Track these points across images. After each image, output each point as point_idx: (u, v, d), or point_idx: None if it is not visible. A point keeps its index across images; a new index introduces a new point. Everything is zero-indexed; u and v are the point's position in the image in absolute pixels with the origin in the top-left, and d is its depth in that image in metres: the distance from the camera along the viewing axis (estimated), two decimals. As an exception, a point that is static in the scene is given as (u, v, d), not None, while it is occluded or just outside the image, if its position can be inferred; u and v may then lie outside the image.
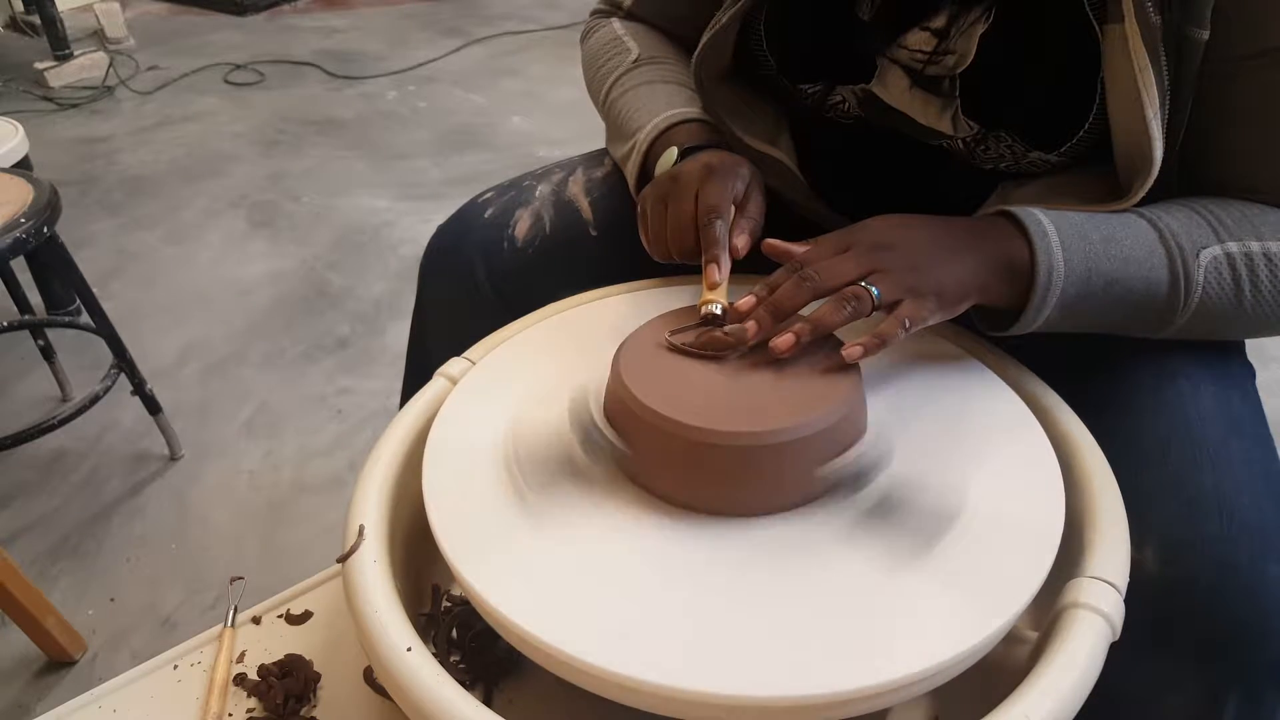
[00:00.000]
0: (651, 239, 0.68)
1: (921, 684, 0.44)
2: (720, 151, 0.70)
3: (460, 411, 0.61)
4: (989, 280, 0.57)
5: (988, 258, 0.57)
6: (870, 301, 0.54)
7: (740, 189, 0.66)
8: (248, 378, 1.73)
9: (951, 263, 0.56)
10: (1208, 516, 0.54)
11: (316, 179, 2.49)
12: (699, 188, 0.65)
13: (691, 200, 0.65)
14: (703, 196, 0.64)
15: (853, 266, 0.55)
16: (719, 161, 0.66)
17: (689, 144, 0.71)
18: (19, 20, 3.57)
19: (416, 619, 0.51)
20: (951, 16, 0.61)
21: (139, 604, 1.27)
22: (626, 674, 0.43)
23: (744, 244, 0.63)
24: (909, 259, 0.56)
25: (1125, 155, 0.59)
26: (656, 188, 0.68)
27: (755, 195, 0.67)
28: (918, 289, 0.55)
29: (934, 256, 0.56)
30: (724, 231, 0.63)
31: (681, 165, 0.68)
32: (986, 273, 0.57)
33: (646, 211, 0.68)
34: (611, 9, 0.88)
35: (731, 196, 0.65)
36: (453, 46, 3.44)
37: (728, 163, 0.66)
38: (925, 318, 0.55)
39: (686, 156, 0.70)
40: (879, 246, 0.56)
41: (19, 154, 1.56)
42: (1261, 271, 0.57)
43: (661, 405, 0.51)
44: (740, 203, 0.66)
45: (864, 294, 0.54)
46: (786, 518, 0.51)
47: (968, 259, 0.57)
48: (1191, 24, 0.54)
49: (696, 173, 0.66)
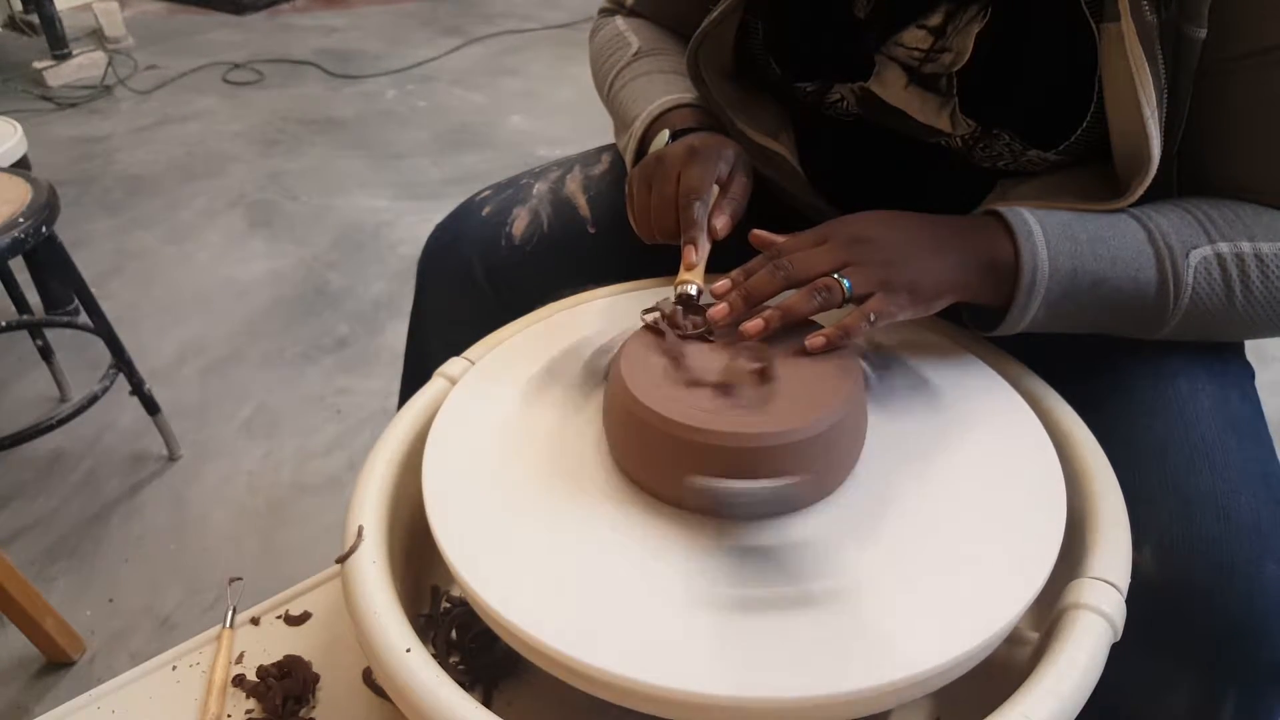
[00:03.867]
0: (637, 219, 0.69)
1: (923, 685, 0.44)
2: (706, 134, 0.70)
3: (460, 411, 0.61)
4: (970, 279, 0.57)
5: (969, 256, 0.57)
6: (841, 293, 0.55)
7: (724, 170, 0.66)
8: (246, 378, 1.72)
9: (929, 260, 0.57)
10: (1206, 517, 0.54)
11: (315, 178, 2.48)
12: (681, 169, 0.65)
13: (674, 182, 0.65)
14: (684, 178, 0.65)
15: (827, 258, 0.56)
16: (702, 143, 0.66)
17: (681, 127, 0.72)
18: (17, 19, 3.57)
19: (416, 620, 0.51)
20: (948, 14, 0.61)
21: (138, 605, 1.27)
22: (626, 675, 0.43)
23: (723, 225, 0.64)
24: (885, 254, 0.56)
25: (1123, 154, 0.59)
26: (642, 169, 0.69)
27: (739, 177, 0.67)
28: (890, 284, 0.56)
29: (911, 253, 0.57)
30: (703, 213, 0.63)
31: (667, 147, 0.69)
32: (967, 271, 0.57)
33: (633, 192, 0.69)
34: (616, 7, 0.89)
35: (713, 178, 0.65)
36: (452, 45, 3.43)
37: (711, 144, 0.67)
38: (894, 313, 0.56)
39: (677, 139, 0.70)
40: (856, 240, 0.57)
41: (17, 153, 1.56)
42: (1253, 272, 0.57)
43: (662, 406, 0.51)
44: (724, 184, 0.66)
45: (835, 285, 0.55)
46: (787, 518, 0.51)
47: (948, 257, 0.57)
48: (1188, 23, 0.54)
49: (680, 154, 0.66)
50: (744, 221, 0.64)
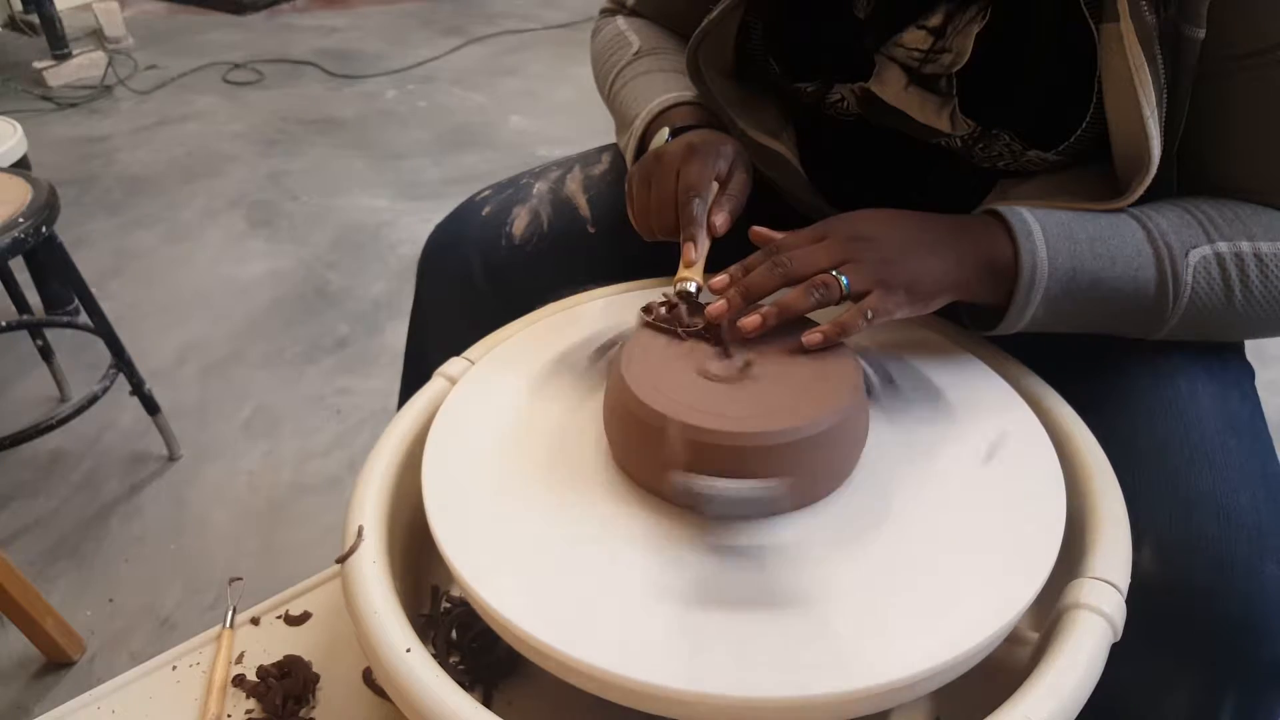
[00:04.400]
0: (636, 217, 0.69)
1: (923, 685, 0.44)
2: (705, 131, 0.70)
3: (459, 411, 0.61)
4: (968, 278, 0.57)
5: (968, 255, 0.57)
6: (838, 290, 0.55)
7: (723, 167, 0.66)
8: (246, 378, 1.72)
9: (928, 258, 0.57)
10: (1205, 517, 0.54)
11: (315, 178, 2.48)
12: (680, 167, 0.65)
13: (673, 179, 0.65)
14: (683, 175, 0.65)
15: (826, 255, 0.56)
16: (701, 141, 0.67)
17: (681, 125, 0.72)
18: (17, 19, 3.57)
19: (416, 620, 0.51)
20: (948, 15, 0.61)
21: (138, 605, 1.27)
22: (625, 675, 0.43)
23: (722, 221, 0.64)
24: (883, 251, 0.56)
25: (1123, 154, 0.59)
26: (641, 167, 0.69)
27: (739, 173, 0.67)
28: (888, 281, 0.56)
29: (910, 251, 0.57)
30: (702, 210, 0.63)
31: (665, 145, 0.69)
32: (965, 270, 0.57)
33: (633, 190, 0.69)
34: (617, 7, 0.89)
35: (712, 175, 0.65)
36: (452, 45, 3.43)
37: (710, 141, 0.67)
38: (891, 310, 0.56)
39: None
40: (855, 237, 0.57)
41: (17, 153, 1.56)
42: (1252, 271, 0.57)
43: (662, 406, 0.51)
44: (723, 181, 0.66)
45: (833, 282, 0.55)
46: (789, 518, 0.51)
47: (947, 255, 0.57)
48: (1187, 23, 0.54)
49: (679, 152, 0.66)
50: (743, 219, 0.64)
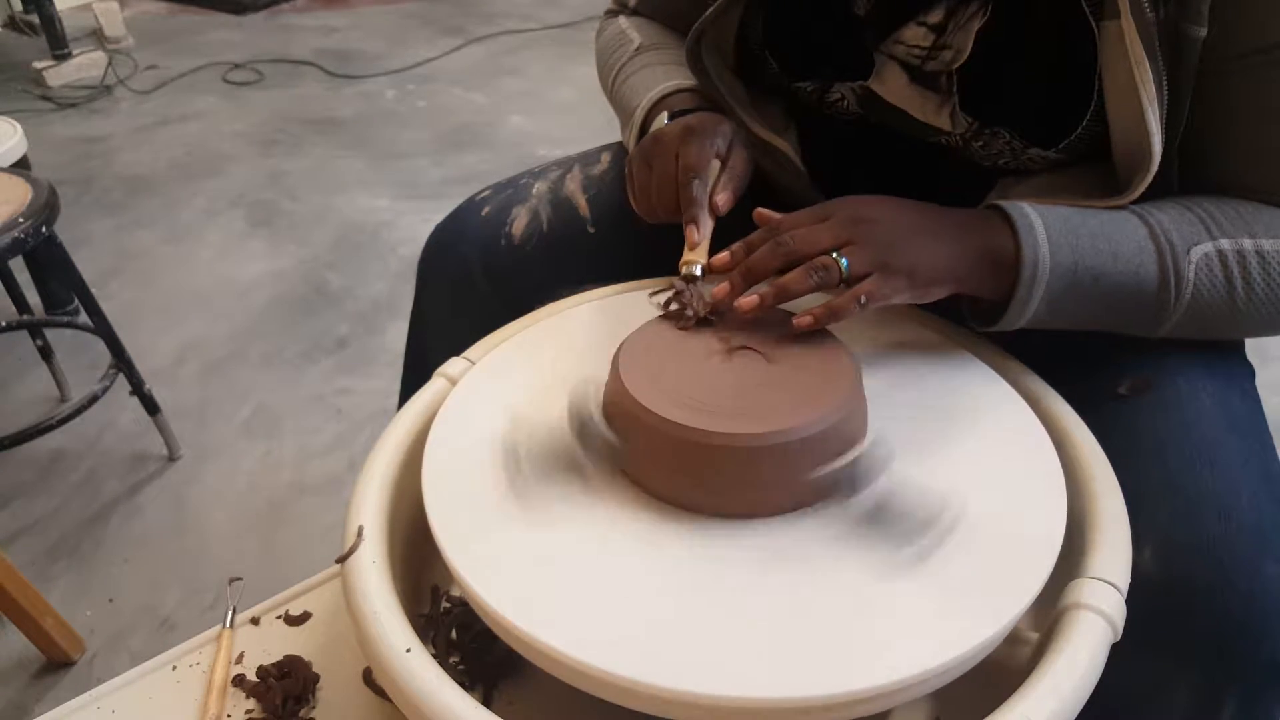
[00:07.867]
0: (637, 198, 0.69)
1: (923, 685, 0.44)
2: (703, 113, 0.70)
3: (459, 412, 0.61)
4: (969, 270, 0.57)
5: (969, 248, 0.57)
6: (838, 272, 0.55)
7: (722, 146, 0.66)
8: (246, 378, 1.72)
9: (929, 246, 0.57)
10: (1206, 516, 0.54)
11: (315, 178, 2.48)
12: (679, 147, 0.65)
13: (672, 160, 0.65)
14: (682, 156, 0.65)
15: (828, 236, 0.56)
16: (699, 122, 0.67)
17: (680, 109, 0.72)
18: (17, 19, 3.57)
19: (416, 620, 0.51)
20: (948, 12, 0.61)
21: (138, 605, 1.27)
22: (625, 675, 0.43)
23: (724, 200, 0.64)
24: (885, 235, 0.56)
25: (1124, 151, 0.59)
26: (641, 149, 0.69)
27: (738, 152, 0.67)
28: (889, 266, 0.55)
29: (912, 237, 0.57)
30: (702, 191, 0.63)
31: (663, 127, 0.69)
32: (967, 261, 0.57)
33: (633, 172, 0.69)
34: (619, 7, 0.90)
35: (711, 154, 0.65)
36: (452, 45, 3.43)
37: (708, 122, 0.67)
38: (888, 295, 0.56)
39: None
40: (858, 220, 0.57)
41: (17, 153, 1.56)
42: (1254, 269, 0.57)
43: (661, 406, 0.51)
44: (724, 160, 0.66)
45: (833, 264, 0.55)
46: (788, 519, 0.51)
47: (950, 246, 0.57)
48: (1188, 21, 0.54)
49: (677, 133, 0.66)
50: (744, 203, 0.64)
